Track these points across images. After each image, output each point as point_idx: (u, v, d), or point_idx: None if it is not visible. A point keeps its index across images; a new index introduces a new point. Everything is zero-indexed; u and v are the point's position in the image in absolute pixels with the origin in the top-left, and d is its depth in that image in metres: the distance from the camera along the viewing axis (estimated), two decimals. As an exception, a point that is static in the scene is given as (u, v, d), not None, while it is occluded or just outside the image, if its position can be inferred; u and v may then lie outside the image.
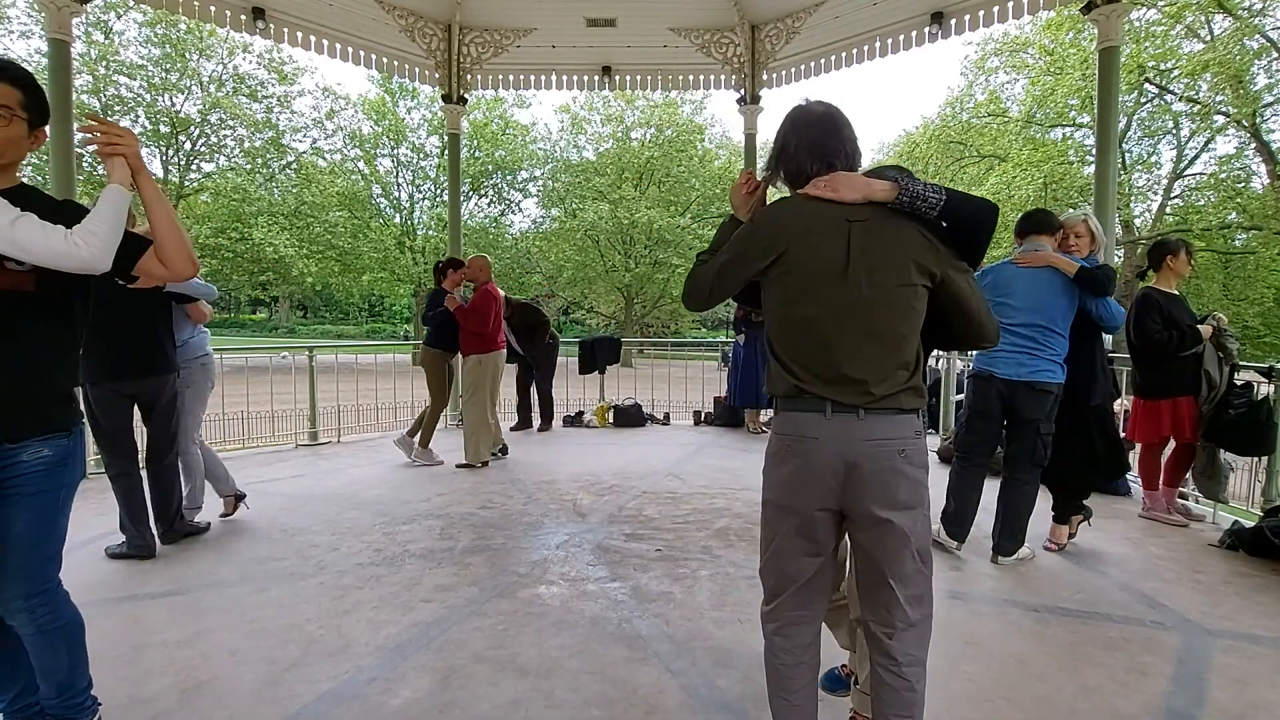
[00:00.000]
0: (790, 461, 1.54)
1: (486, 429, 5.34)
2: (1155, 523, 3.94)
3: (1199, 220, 16.25)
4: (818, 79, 7.37)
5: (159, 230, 1.67)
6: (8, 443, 1.56)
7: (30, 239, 1.42)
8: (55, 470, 1.64)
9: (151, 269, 1.70)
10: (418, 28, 7.02)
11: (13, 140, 1.55)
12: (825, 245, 1.46)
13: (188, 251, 1.72)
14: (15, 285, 1.53)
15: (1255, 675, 2.27)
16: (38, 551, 1.63)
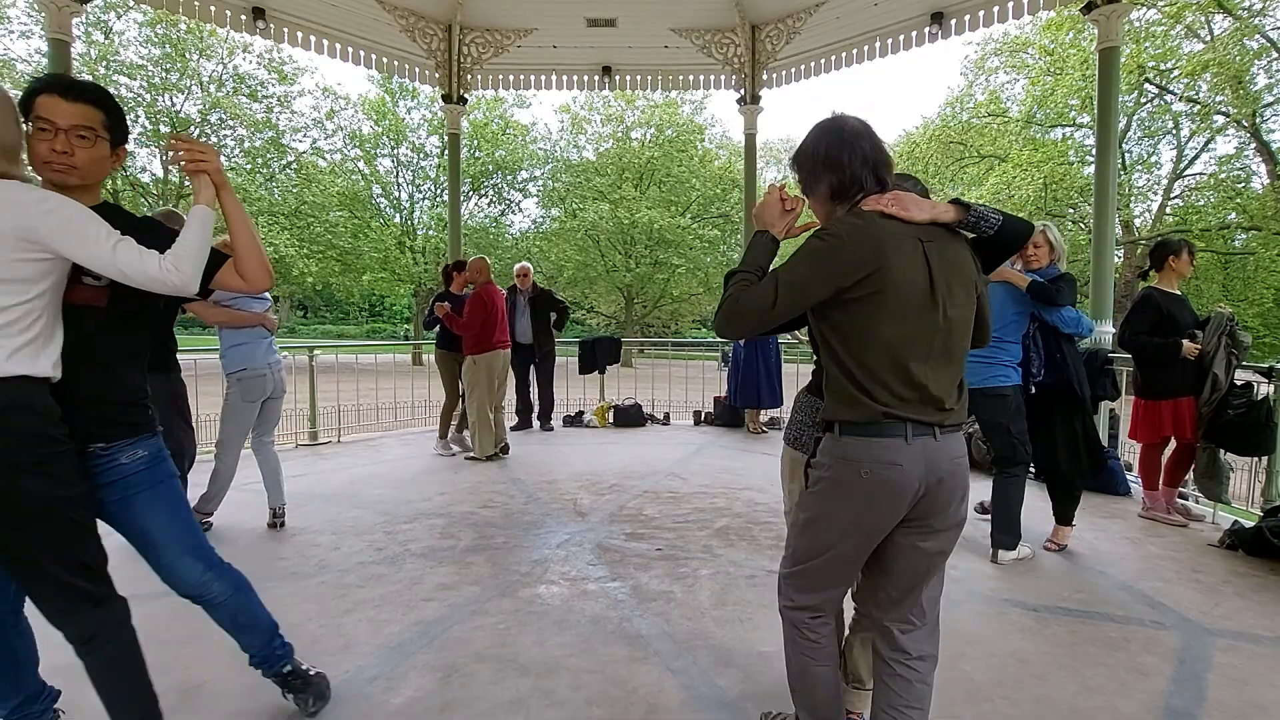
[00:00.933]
0: (864, 488, 1.47)
1: (486, 426, 5.44)
2: (1155, 523, 3.94)
3: (1199, 220, 16.26)
4: (818, 79, 7.38)
5: (240, 245, 1.71)
6: (100, 445, 1.61)
7: (129, 264, 1.46)
8: (157, 464, 1.72)
9: (229, 282, 1.74)
10: (418, 28, 7.03)
11: (97, 160, 1.59)
12: (910, 265, 1.43)
13: (266, 265, 1.76)
14: (90, 301, 1.59)
15: (1255, 675, 2.27)
16: (188, 532, 1.77)
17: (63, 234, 1.42)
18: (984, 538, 3.57)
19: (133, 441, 1.67)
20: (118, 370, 1.66)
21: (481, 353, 5.38)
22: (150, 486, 1.69)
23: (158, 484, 1.72)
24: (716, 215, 26.73)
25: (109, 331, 1.64)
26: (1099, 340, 5.07)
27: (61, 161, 1.53)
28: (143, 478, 1.68)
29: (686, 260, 25.17)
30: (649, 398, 8.21)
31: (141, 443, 1.70)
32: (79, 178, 1.57)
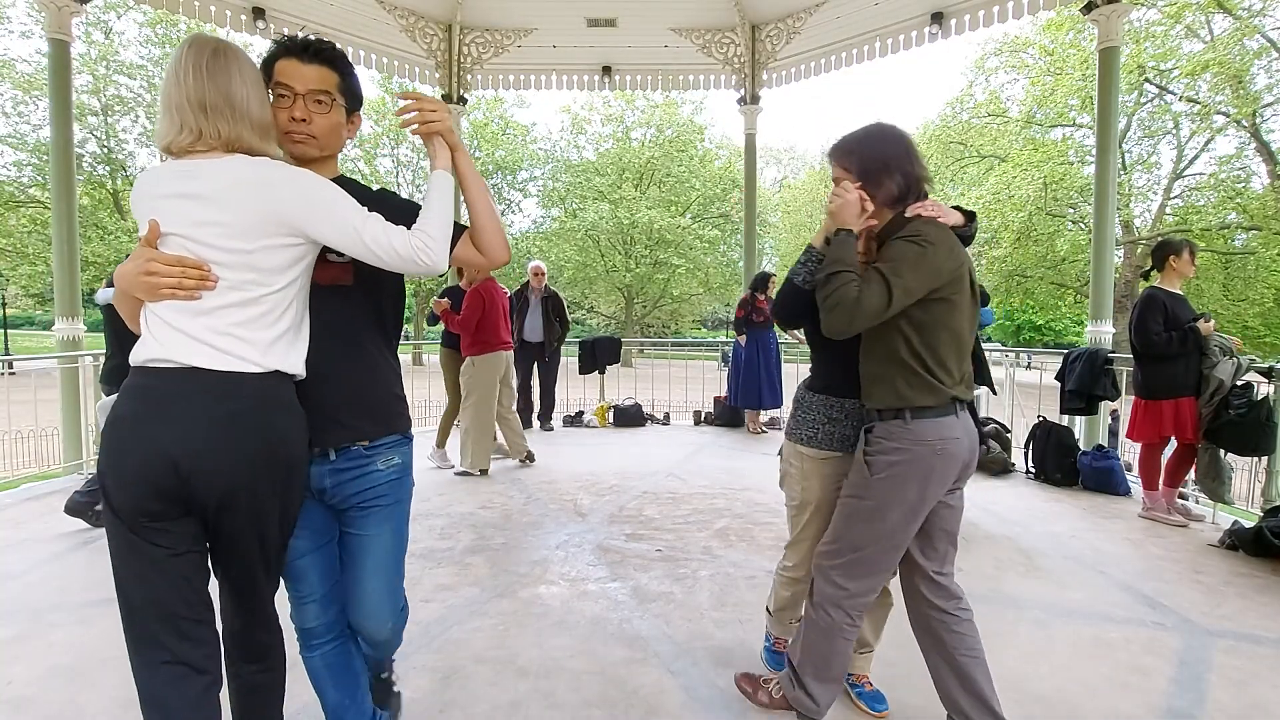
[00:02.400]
0: (935, 463, 1.67)
1: (485, 435, 5.08)
2: (1155, 523, 3.94)
3: (1199, 220, 16.23)
4: (818, 79, 7.38)
5: (478, 214, 1.50)
6: (362, 444, 1.47)
7: (378, 242, 1.31)
8: (405, 478, 1.56)
9: (468, 257, 1.52)
10: (418, 28, 7.02)
11: (334, 128, 1.44)
12: (970, 265, 1.71)
13: (504, 237, 1.54)
14: (336, 280, 1.44)
15: (1255, 675, 2.27)
16: (399, 567, 1.57)
17: (309, 210, 1.27)
18: (984, 538, 3.57)
19: (392, 444, 1.52)
20: (375, 356, 1.51)
21: (481, 354, 5.05)
22: (394, 502, 1.52)
23: (399, 502, 1.54)
24: (716, 215, 26.71)
25: (360, 312, 1.49)
26: (1098, 340, 5.07)
27: (301, 130, 1.39)
28: (391, 490, 1.51)
29: (686, 260, 25.15)
30: (649, 398, 8.21)
31: (399, 447, 1.54)
32: (318, 148, 1.43)
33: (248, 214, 1.23)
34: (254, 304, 1.26)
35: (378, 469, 1.49)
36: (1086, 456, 4.76)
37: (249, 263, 1.24)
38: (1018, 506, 4.27)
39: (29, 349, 25.25)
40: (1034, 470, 4.99)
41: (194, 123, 1.24)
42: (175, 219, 1.23)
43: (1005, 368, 6.98)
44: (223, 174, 1.24)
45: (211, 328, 1.23)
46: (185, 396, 1.22)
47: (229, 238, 1.23)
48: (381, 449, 1.50)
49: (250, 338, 1.26)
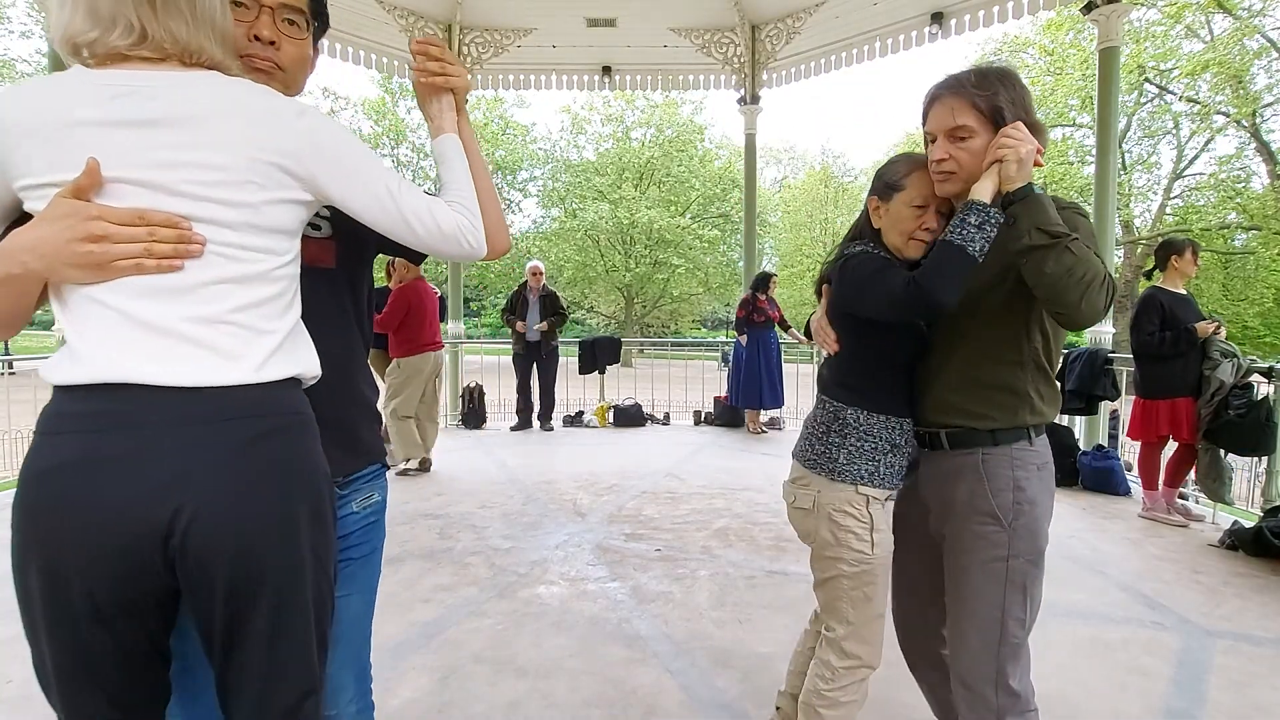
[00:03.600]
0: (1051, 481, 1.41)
1: (405, 432, 4.98)
2: (1155, 523, 3.94)
3: (1199, 220, 16.25)
4: (818, 79, 7.38)
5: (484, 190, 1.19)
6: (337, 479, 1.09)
7: (418, 214, 1.00)
8: (381, 519, 1.24)
9: None
10: (418, 28, 7.02)
11: (303, 61, 1.10)
12: None
13: (504, 221, 1.23)
14: (317, 259, 1.09)
15: (1255, 676, 2.26)
16: (367, 636, 1.22)
17: (334, 161, 0.94)
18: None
19: (370, 477, 1.19)
20: (355, 361, 1.18)
21: (407, 355, 4.98)
22: (370, 552, 1.19)
23: (374, 550, 1.21)
24: (716, 215, 26.71)
25: (341, 304, 1.15)
26: (1098, 340, 5.07)
27: (265, 56, 1.04)
28: (367, 536, 1.18)
29: (686, 260, 25.14)
30: (649, 398, 8.21)
31: (378, 479, 1.21)
32: (282, 82, 1.07)
33: (249, 154, 0.88)
34: (262, 281, 0.91)
35: (352, 512, 1.15)
36: (1086, 456, 4.76)
37: (253, 221, 0.89)
38: (1017, 506, 4.27)
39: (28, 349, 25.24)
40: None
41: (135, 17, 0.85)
42: (123, 157, 0.83)
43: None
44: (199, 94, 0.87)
45: (198, 316, 0.86)
46: (169, 427, 0.83)
47: (221, 186, 0.86)
48: (358, 484, 1.16)
49: (261, 327, 0.90)
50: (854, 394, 1.48)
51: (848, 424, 1.47)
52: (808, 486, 1.51)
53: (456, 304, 7.82)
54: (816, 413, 1.55)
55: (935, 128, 1.34)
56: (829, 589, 1.51)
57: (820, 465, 1.48)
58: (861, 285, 1.39)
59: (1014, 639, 1.35)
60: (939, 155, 1.33)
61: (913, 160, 1.44)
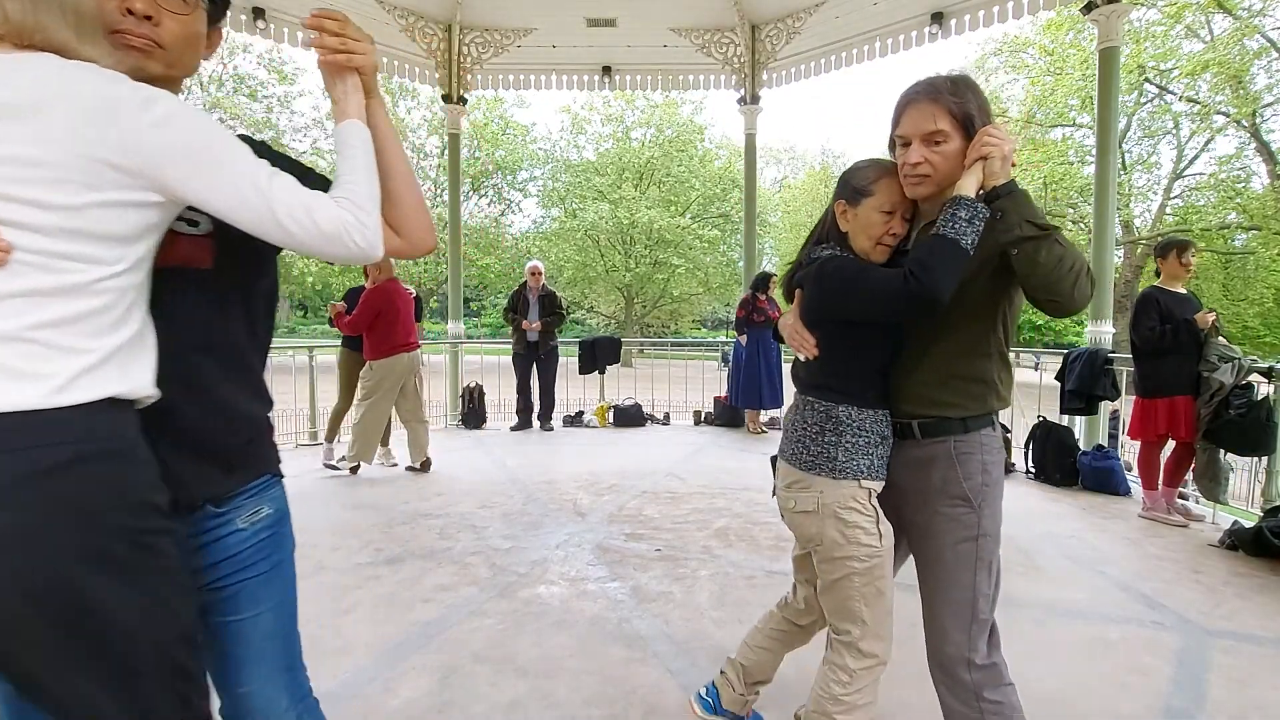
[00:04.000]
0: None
1: (373, 435, 5.00)
2: (1155, 523, 3.94)
3: (1199, 220, 16.24)
4: (818, 79, 7.38)
5: (398, 183, 1.10)
6: (211, 506, 1.03)
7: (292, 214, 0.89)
8: (281, 530, 1.14)
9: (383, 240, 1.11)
10: (418, 27, 7.02)
11: (190, 40, 0.99)
12: None
13: (429, 216, 1.14)
14: (189, 259, 0.98)
15: (1255, 675, 2.26)
16: (291, 645, 1.17)
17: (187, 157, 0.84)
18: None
19: (256, 493, 1.09)
20: (235, 373, 1.08)
21: (380, 358, 4.92)
22: (270, 568, 1.11)
23: (279, 564, 1.13)
24: (716, 215, 26.71)
25: (220, 310, 1.04)
26: (1098, 340, 5.07)
27: (142, 34, 0.93)
28: (264, 551, 1.10)
29: (686, 260, 25.15)
30: (649, 398, 8.21)
31: (268, 490, 1.12)
32: (163, 63, 0.96)
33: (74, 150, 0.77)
34: (81, 294, 0.81)
35: (238, 529, 1.06)
36: (1086, 456, 4.76)
37: (73, 226, 0.79)
38: (1018, 506, 4.27)
39: (29, 349, 25.15)
40: (1034, 470, 4.99)
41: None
42: None
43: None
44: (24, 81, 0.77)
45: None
46: None
47: (39, 185, 0.76)
48: (242, 501, 1.07)
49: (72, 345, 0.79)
50: (842, 393, 1.48)
51: (842, 422, 1.47)
52: (808, 489, 1.49)
53: (456, 304, 7.82)
54: (805, 415, 1.53)
55: (911, 131, 1.36)
56: (839, 590, 1.49)
57: (820, 466, 1.47)
58: (848, 286, 1.40)
59: (983, 616, 1.44)
60: (915, 159, 1.35)
61: (880, 166, 1.47)
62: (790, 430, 1.57)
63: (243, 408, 1.08)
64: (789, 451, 1.55)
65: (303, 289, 28.96)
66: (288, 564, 1.16)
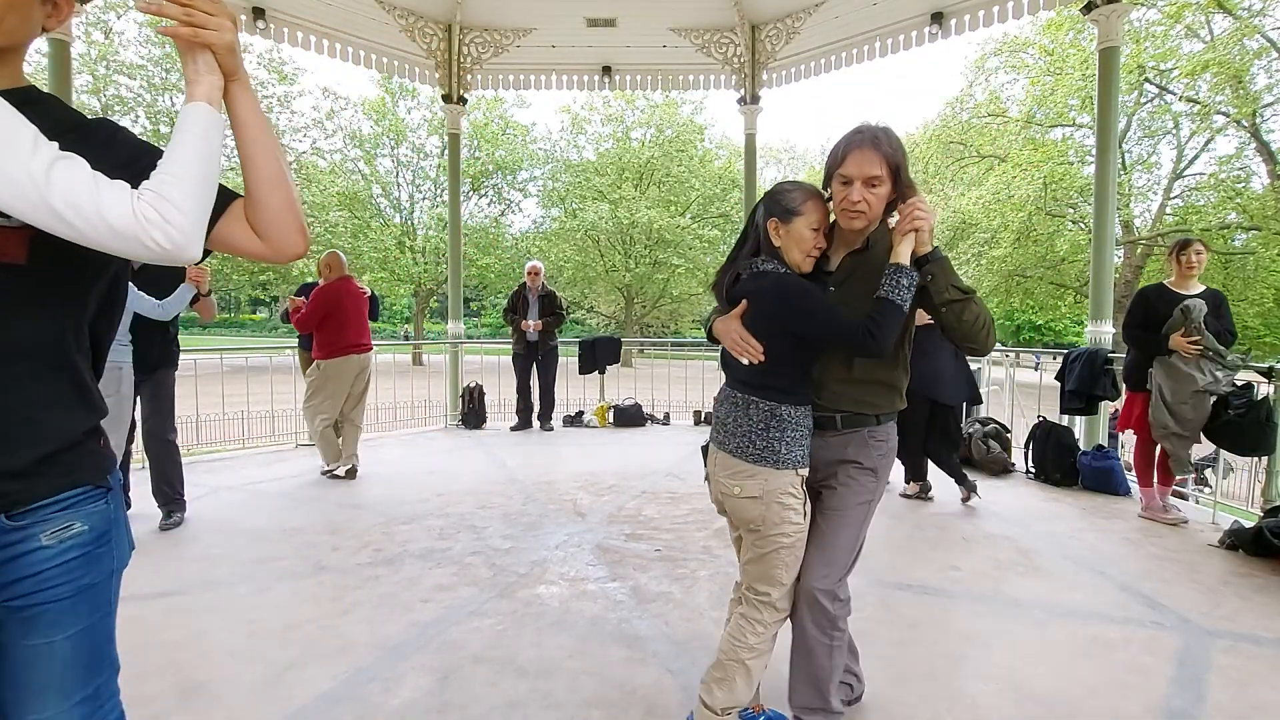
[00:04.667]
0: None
1: (327, 437, 4.90)
2: (1155, 523, 3.94)
3: (1199, 220, 16.21)
4: (818, 79, 7.37)
5: (259, 176, 0.99)
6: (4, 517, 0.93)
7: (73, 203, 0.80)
8: (98, 551, 1.02)
9: (241, 242, 1.02)
10: (418, 28, 7.02)
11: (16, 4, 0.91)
12: None
13: (298, 215, 1.02)
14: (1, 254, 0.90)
15: (1255, 675, 2.26)
16: (97, 674, 1.04)
17: None
18: (984, 537, 3.57)
19: (67, 506, 0.98)
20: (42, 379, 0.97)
21: (329, 357, 4.82)
22: (75, 591, 0.98)
23: (89, 588, 1.00)
24: (716, 215, 26.71)
25: (36, 309, 0.95)
26: (1098, 340, 5.07)
27: None
28: (71, 573, 0.98)
29: (686, 260, 25.15)
30: (649, 398, 8.20)
31: (82, 507, 1.00)
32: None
33: None
34: None
35: (41, 546, 0.95)
36: (1086, 456, 4.76)
37: None
38: (1018, 506, 4.27)
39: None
40: (1034, 470, 4.99)
41: None
42: None
43: (1005, 368, 6.98)
44: None
45: None
46: None
47: None
48: (48, 515, 0.96)
49: None
50: (785, 393, 1.70)
51: (785, 419, 1.69)
52: (753, 477, 1.70)
53: (456, 304, 7.82)
54: (749, 412, 1.72)
55: (855, 173, 1.62)
56: (767, 561, 1.73)
57: (765, 458, 1.69)
58: (812, 315, 1.64)
59: (853, 562, 1.79)
60: (856, 198, 1.62)
61: (805, 189, 1.71)
62: (731, 424, 1.76)
63: (46, 414, 0.96)
64: (732, 445, 1.74)
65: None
66: (102, 588, 1.03)
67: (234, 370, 7.38)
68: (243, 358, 10.61)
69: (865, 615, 2.67)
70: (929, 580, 3.07)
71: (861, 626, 2.56)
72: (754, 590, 1.76)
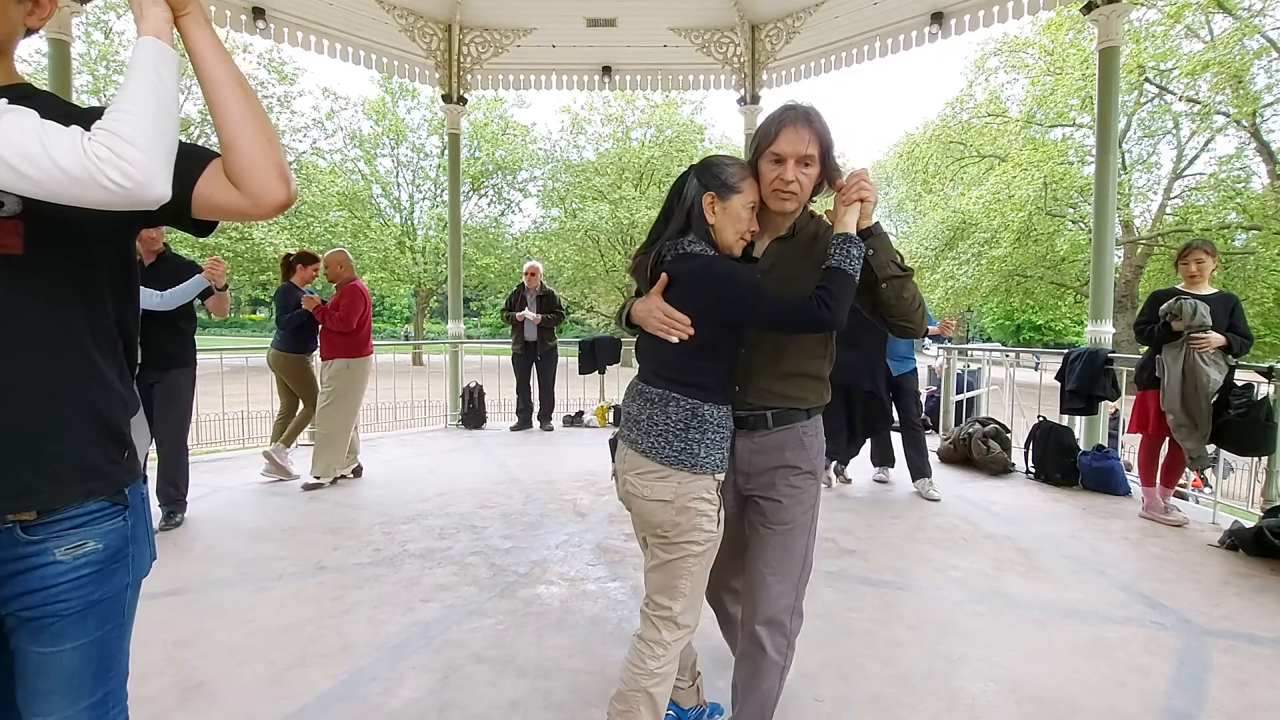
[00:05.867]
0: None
1: (344, 441, 4.75)
2: (1155, 523, 3.94)
3: (1199, 220, 16.21)
4: (818, 79, 7.37)
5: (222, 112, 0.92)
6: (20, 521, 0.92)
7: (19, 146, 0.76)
8: (110, 568, 1.00)
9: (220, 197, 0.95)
10: (418, 28, 7.02)
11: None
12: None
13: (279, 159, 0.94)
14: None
15: (1255, 675, 2.27)
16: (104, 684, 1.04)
17: None
18: (984, 537, 3.57)
19: (84, 520, 0.96)
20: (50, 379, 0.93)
21: (359, 355, 4.78)
22: (83, 606, 0.97)
23: (98, 603, 0.99)
24: (716, 215, 26.72)
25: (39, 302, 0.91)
26: (1098, 340, 5.07)
27: None
28: (81, 589, 0.96)
29: (686, 260, 25.16)
30: (649, 398, 8.19)
31: (97, 525, 0.98)
32: None
33: None
34: None
35: (55, 561, 0.93)
36: (1086, 456, 4.76)
37: None
38: (1018, 506, 4.27)
39: (29, 349, 25.12)
40: (1034, 470, 4.99)
41: None
42: None
43: (1005, 368, 6.99)
44: None
45: None
46: None
47: None
48: (62, 526, 0.94)
49: None
50: (707, 390, 1.56)
51: (706, 419, 1.55)
52: (666, 480, 1.55)
53: (456, 304, 7.82)
54: (669, 410, 1.56)
55: (788, 151, 1.52)
56: (671, 570, 1.59)
57: (683, 461, 1.54)
58: (746, 298, 1.50)
59: (808, 572, 1.68)
60: (790, 178, 1.53)
61: (742, 166, 1.60)
62: (645, 421, 1.59)
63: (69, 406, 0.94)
64: (646, 444, 1.57)
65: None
66: (113, 602, 1.03)
67: (234, 370, 7.38)
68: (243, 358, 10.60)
69: (865, 615, 2.67)
70: (929, 580, 3.07)
71: (861, 626, 2.56)
72: (653, 603, 1.63)
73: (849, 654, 2.24)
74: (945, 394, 6.36)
